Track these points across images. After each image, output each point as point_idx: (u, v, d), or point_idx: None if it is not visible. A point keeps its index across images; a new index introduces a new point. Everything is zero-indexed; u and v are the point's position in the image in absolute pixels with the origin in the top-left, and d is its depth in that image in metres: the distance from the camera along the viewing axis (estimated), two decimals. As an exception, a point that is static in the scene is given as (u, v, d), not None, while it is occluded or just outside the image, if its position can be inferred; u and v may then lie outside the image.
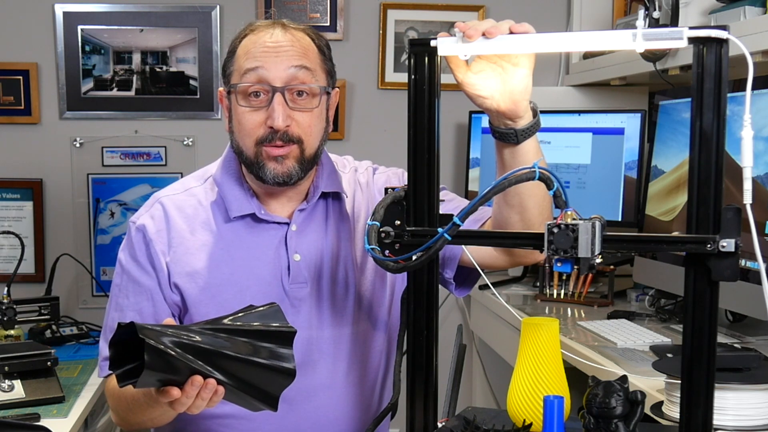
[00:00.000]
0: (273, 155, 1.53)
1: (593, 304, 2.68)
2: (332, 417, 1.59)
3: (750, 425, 1.46)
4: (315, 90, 1.55)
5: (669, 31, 1.07)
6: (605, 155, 2.82)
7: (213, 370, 1.22)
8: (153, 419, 1.51)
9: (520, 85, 1.34)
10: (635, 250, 2.35)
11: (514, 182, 1.13)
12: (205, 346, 1.21)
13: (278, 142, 1.52)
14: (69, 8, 3.14)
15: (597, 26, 3.16)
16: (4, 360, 2.04)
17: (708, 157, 1.07)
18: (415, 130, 1.23)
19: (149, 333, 1.16)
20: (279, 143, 1.52)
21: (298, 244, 1.60)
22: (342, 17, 3.23)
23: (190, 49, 3.20)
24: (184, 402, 1.24)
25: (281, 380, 1.26)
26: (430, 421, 1.27)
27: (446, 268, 1.62)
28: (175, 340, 1.19)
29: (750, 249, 1.07)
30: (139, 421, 1.53)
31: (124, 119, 3.21)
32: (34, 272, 3.18)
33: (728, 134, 1.07)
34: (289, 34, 1.56)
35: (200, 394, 1.23)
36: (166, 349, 1.17)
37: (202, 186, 1.65)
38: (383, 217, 1.21)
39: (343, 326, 1.60)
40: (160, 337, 1.17)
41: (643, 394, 1.19)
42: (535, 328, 1.32)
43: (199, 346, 1.21)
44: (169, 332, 1.19)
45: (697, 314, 1.09)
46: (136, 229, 1.60)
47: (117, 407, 1.57)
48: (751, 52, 1.24)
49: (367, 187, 1.69)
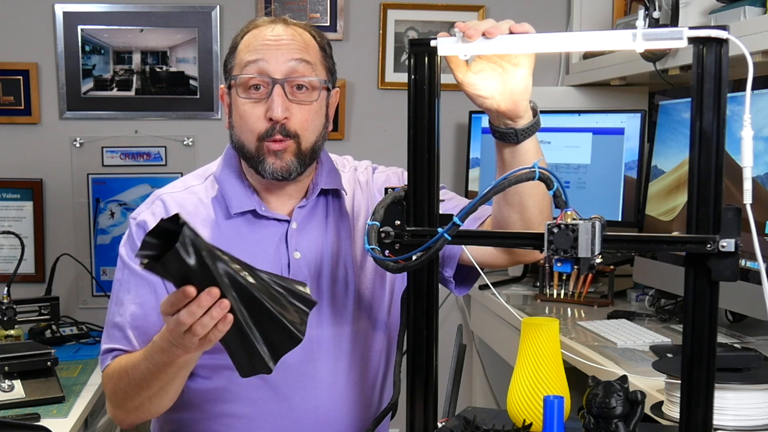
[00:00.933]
0: (272, 149, 1.54)
1: (593, 304, 2.68)
2: (332, 416, 1.59)
3: (750, 425, 1.46)
4: (315, 83, 1.55)
5: (669, 31, 1.07)
6: (605, 155, 2.82)
7: (236, 297, 1.17)
8: (152, 395, 1.48)
9: (520, 85, 1.34)
10: (635, 250, 2.35)
11: (514, 182, 1.13)
12: (235, 272, 1.17)
13: (277, 136, 1.53)
14: (69, 8, 3.14)
15: (597, 26, 3.16)
16: (4, 360, 2.04)
17: (708, 157, 1.07)
18: (415, 130, 1.23)
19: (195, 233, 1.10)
20: (278, 137, 1.53)
21: (298, 242, 1.60)
22: (342, 17, 3.23)
23: (190, 49, 3.20)
24: (193, 310, 1.18)
25: (288, 341, 1.22)
26: (430, 421, 1.27)
27: (446, 266, 1.62)
28: (214, 251, 1.14)
29: (750, 249, 1.07)
30: (138, 402, 1.50)
31: (124, 119, 3.21)
32: (34, 272, 3.18)
33: (728, 134, 1.07)
34: (291, 29, 1.57)
35: (211, 310, 1.18)
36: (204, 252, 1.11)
37: (203, 184, 1.65)
38: (383, 217, 1.21)
39: (343, 325, 1.61)
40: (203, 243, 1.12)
41: (643, 394, 1.19)
42: (535, 328, 1.32)
43: (230, 269, 1.16)
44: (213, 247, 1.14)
45: (697, 314, 1.09)
46: (137, 224, 1.60)
47: (116, 388, 1.54)
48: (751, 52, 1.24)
49: (367, 186, 1.69)
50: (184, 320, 1.20)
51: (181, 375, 1.46)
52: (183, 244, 1.09)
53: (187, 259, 1.11)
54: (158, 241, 1.13)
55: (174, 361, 1.39)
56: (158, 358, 1.40)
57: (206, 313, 1.18)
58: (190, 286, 1.16)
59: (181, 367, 1.42)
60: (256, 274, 1.21)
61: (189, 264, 1.11)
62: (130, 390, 1.50)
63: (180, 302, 1.19)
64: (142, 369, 1.45)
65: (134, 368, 1.47)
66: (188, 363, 1.43)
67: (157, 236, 1.13)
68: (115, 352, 1.57)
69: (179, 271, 1.14)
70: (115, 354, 1.57)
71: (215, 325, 1.20)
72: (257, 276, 1.21)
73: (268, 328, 1.21)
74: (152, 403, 1.50)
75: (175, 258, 1.10)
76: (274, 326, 1.21)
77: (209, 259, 1.13)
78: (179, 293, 1.18)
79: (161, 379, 1.44)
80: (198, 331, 1.21)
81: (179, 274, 1.15)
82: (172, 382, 1.46)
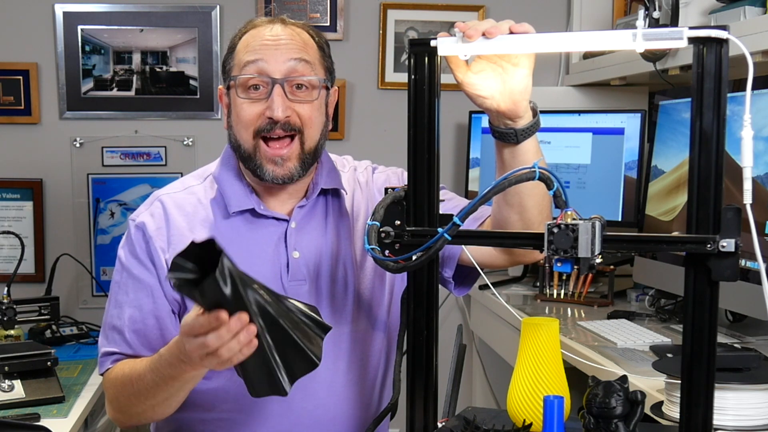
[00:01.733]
0: (271, 157, 1.53)
1: (593, 304, 2.68)
2: (332, 415, 1.59)
3: (750, 425, 1.46)
4: (314, 82, 1.55)
5: (669, 31, 1.07)
6: (605, 155, 2.82)
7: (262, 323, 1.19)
8: (156, 405, 1.48)
9: (520, 85, 1.34)
10: (635, 250, 2.35)
11: (514, 182, 1.13)
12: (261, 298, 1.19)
13: (278, 131, 1.53)
14: (69, 8, 3.14)
15: (597, 26, 3.16)
16: (4, 360, 2.04)
17: (708, 157, 1.07)
18: (415, 130, 1.23)
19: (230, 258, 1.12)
20: (279, 132, 1.53)
21: (297, 242, 1.60)
22: (342, 17, 3.23)
23: (190, 49, 3.20)
24: (222, 335, 1.19)
25: (305, 365, 1.25)
26: (430, 421, 1.27)
27: (445, 267, 1.62)
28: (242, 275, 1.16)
29: (750, 249, 1.07)
30: (141, 410, 1.51)
31: (124, 119, 3.21)
32: (34, 272, 3.18)
33: (728, 134, 1.07)
34: (289, 29, 1.57)
35: (239, 336, 1.19)
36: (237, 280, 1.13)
37: (202, 184, 1.65)
38: (383, 217, 1.21)
39: (342, 324, 1.60)
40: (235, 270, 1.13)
41: (643, 394, 1.19)
42: (535, 328, 1.32)
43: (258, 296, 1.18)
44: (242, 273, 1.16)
45: (697, 314, 1.09)
46: (136, 226, 1.60)
47: (118, 395, 1.54)
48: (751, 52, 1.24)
49: (367, 186, 1.69)
50: (211, 343, 1.21)
51: (187, 388, 1.47)
52: (222, 273, 1.11)
53: (224, 288, 1.12)
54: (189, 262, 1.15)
55: (181, 376, 1.39)
56: (165, 372, 1.40)
57: (234, 337, 1.19)
58: (224, 311, 1.17)
59: (187, 381, 1.43)
60: (280, 301, 1.23)
61: (224, 292, 1.13)
62: (134, 399, 1.51)
63: (210, 326, 1.20)
64: (147, 380, 1.45)
65: (139, 378, 1.47)
66: (195, 377, 1.44)
67: (188, 257, 1.15)
68: (115, 356, 1.58)
69: (213, 297, 1.15)
70: (115, 358, 1.58)
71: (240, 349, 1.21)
72: (281, 303, 1.23)
73: (289, 353, 1.23)
74: (155, 411, 1.51)
75: (212, 286, 1.11)
76: (294, 352, 1.23)
77: (242, 288, 1.15)
78: (211, 318, 1.18)
79: (167, 390, 1.44)
80: (224, 354, 1.22)
81: (212, 300, 1.16)
82: (178, 393, 1.46)
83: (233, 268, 1.13)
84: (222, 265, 1.10)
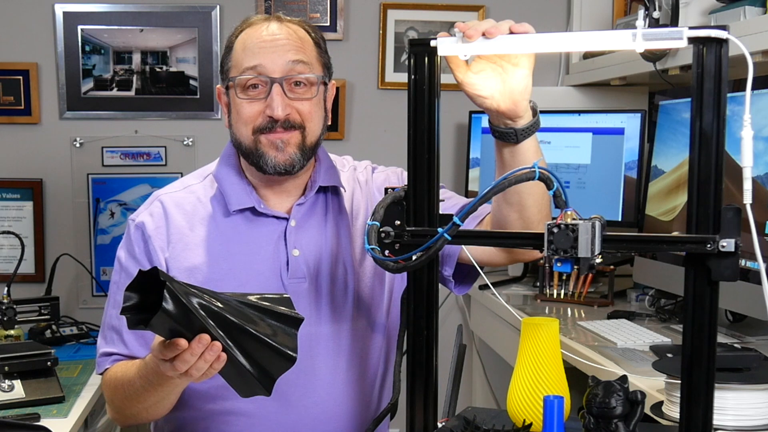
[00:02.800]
0: (273, 141, 1.54)
1: (593, 304, 2.68)
2: (332, 413, 1.59)
3: (750, 425, 1.46)
4: (312, 80, 1.56)
5: (669, 31, 1.07)
6: (605, 155, 2.82)
7: (223, 335, 1.21)
8: (149, 407, 1.51)
9: (520, 85, 1.34)
10: (635, 250, 2.35)
11: (514, 182, 1.13)
12: (219, 309, 1.21)
13: (279, 129, 1.54)
14: (69, 8, 3.14)
15: (597, 26, 3.16)
16: (4, 360, 2.04)
17: (708, 157, 1.07)
18: (415, 130, 1.23)
19: (172, 282, 1.16)
20: (280, 130, 1.54)
21: (297, 240, 1.60)
22: (342, 17, 3.23)
23: (190, 49, 3.20)
24: (187, 359, 1.23)
25: (281, 363, 1.26)
26: (430, 421, 1.27)
27: (445, 265, 1.62)
28: (195, 295, 1.18)
29: (750, 249, 1.07)
30: (135, 411, 1.53)
31: (124, 119, 3.21)
32: (34, 272, 3.18)
33: (728, 134, 1.07)
34: (285, 26, 1.57)
35: (204, 355, 1.22)
36: (184, 300, 1.16)
37: (201, 183, 1.66)
38: (383, 217, 1.21)
39: (342, 323, 1.61)
40: (181, 289, 1.16)
41: (643, 394, 1.19)
42: (535, 328, 1.32)
43: (214, 308, 1.20)
44: (190, 288, 1.18)
45: (697, 314, 1.09)
46: (135, 226, 1.61)
47: (113, 397, 1.57)
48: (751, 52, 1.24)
49: (366, 185, 1.69)
50: (179, 368, 1.25)
51: (177, 391, 1.49)
52: (166, 303, 1.14)
53: (173, 313, 1.16)
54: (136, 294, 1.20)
55: (168, 382, 1.41)
56: (152, 378, 1.42)
57: (200, 358, 1.23)
58: (181, 339, 1.21)
59: (176, 385, 1.45)
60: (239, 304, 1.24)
61: (175, 317, 1.16)
62: (127, 402, 1.53)
63: (172, 353, 1.23)
64: (137, 386, 1.47)
65: (129, 383, 1.49)
66: (183, 383, 1.45)
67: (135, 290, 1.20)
68: (113, 357, 1.59)
69: (167, 326, 1.19)
70: (113, 358, 1.59)
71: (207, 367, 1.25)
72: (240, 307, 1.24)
73: (258, 354, 1.24)
74: (149, 412, 1.53)
75: (161, 319, 1.15)
76: (264, 351, 1.24)
77: (188, 303, 1.17)
78: (171, 346, 1.22)
79: (156, 395, 1.47)
80: (194, 374, 1.26)
81: (167, 328, 1.20)
82: (168, 397, 1.49)
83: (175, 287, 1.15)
84: (165, 297, 1.13)
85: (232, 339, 1.22)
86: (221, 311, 1.21)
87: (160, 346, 1.25)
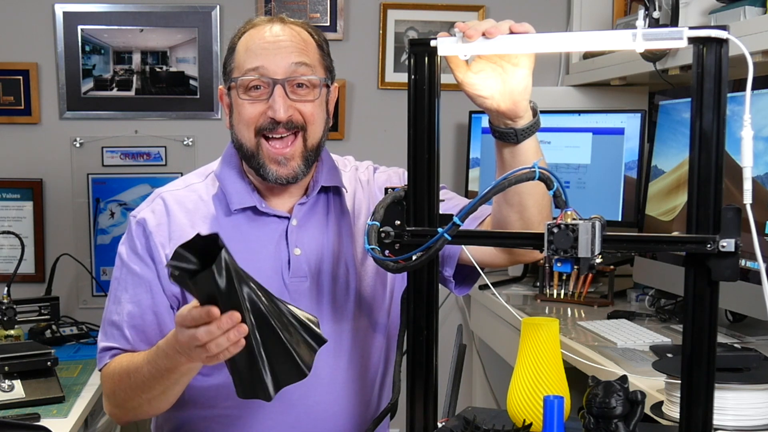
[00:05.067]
0: (273, 156, 1.54)
1: (593, 304, 2.68)
2: (332, 413, 1.60)
3: (750, 425, 1.46)
4: (315, 81, 1.56)
5: (669, 31, 1.07)
6: (605, 155, 2.82)
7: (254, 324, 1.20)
8: (152, 398, 1.49)
9: (520, 85, 1.34)
10: (635, 250, 2.35)
11: (514, 182, 1.13)
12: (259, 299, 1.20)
13: (281, 131, 1.54)
14: (69, 8, 3.14)
15: (597, 26, 3.16)
16: (4, 360, 2.04)
17: (708, 157, 1.07)
18: (415, 130, 1.23)
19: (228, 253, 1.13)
20: (282, 131, 1.54)
21: (298, 239, 1.60)
22: (342, 17, 3.23)
23: (190, 49, 3.20)
24: (213, 330, 1.20)
25: (293, 375, 1.25)
26: (430, 421, 1.27)
27: (445, 266, 1.62)
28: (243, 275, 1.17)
29: (750, 249, 1.07)
30: (138, 403, 1.51)
31: (124, 119, 3.21)
32: (34, 272, 3.18)
33: (728, 134, 1.07)
34: (288, 28, 1.57)
35: (228, 333, 1.20)
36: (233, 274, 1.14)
37: (203, 182, 1.66)
38: (383, 217, 1.21)
39: (343, 322, 1.61)
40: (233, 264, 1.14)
41: (643, 394, 1.19)
42: (535, 328, 1.32)
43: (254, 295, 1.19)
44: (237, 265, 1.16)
45: (697, 314, 1.09)
46: (137, 222, 1.61)
47: (116, 388, 1.55)
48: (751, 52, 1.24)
49: (368, 185, 1.69)
50: (201, 337, 1.22)
51: (183, 381, 1.47)
52: (218, 266, 1.12)
53: (219, 281, 1.13)
54: (191, 254, 1.16)
55: (177, 368, 1.40)
56: (162, 363, 1.40)
57: (224, 334, 1.20)
58: (215, 307, 1.18)
59: (183, 373, 1.43)
60: (276, 304, 1.23)
61: (219, 286, 1.14)
62: (130, 391, 1.51)
63: (202, 320, 1.21)
64: (144, 372, 1.45)
65: (136, 371, 1.48)
66: (191, 370, 1.44)
67: (191, 250, 1.16)
68: (114, 351, 1.58)
69: (208, 290, 1.16)
70: (113, 353, 1.58)
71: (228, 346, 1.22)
72: (277, 305, 1.23)
73: (278, 358, 1.23)
74: (152, 405, 1.51)
75: (208, 278, 1.13)
76: (283, 357, 1.24)
77: (237, 283, 1.16)
78: (203, 312, 1.20)
79: (163, 383, 1.45)
80: (212, 349, 1.23)
81: (207, 293, 1.17)
82: (174, 386, 1.47)
83: (232, 262, 1.13)
84: (220, 258, 1.11)
85: (261, 332, 1.21)
86: (260, 301, 1.20)
87: (188, 312, 1.23)
